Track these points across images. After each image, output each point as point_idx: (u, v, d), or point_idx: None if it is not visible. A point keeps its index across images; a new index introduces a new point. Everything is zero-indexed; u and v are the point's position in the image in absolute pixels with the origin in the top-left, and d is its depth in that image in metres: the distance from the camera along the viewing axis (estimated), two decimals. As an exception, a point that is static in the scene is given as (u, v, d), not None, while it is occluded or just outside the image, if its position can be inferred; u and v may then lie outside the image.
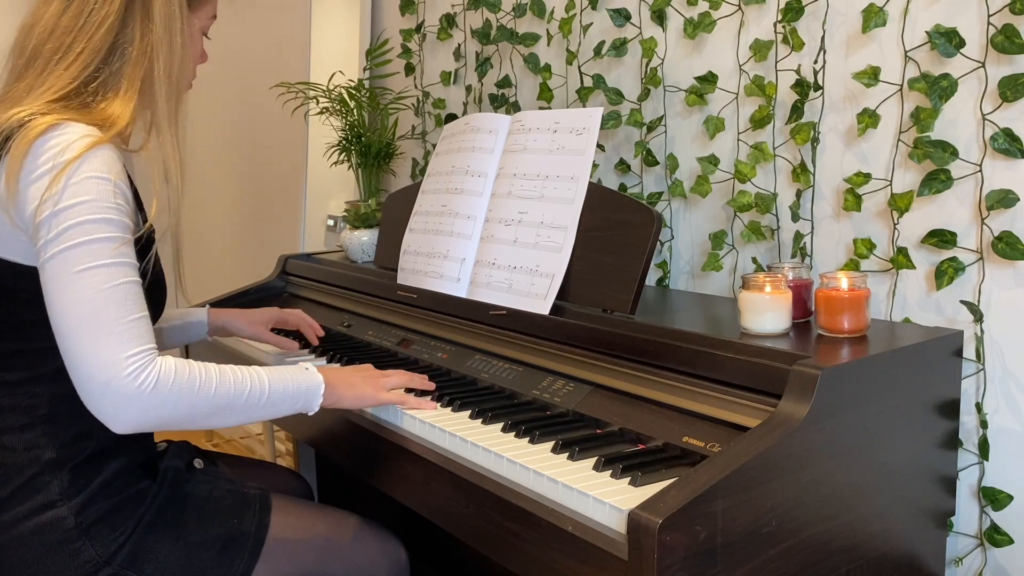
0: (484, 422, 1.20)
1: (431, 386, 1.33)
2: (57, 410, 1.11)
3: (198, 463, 1.29)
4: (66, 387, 1.10)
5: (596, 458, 1.02)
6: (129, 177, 1.09)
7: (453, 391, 1.32)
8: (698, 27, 1.50)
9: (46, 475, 1.09)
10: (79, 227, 1.00)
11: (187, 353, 1.86)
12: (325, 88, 2.14)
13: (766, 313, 1.13)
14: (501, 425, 1.18)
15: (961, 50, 1.18)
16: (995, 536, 1.21)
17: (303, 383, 1.16)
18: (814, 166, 1.38)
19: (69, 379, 1.10)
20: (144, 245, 1.11)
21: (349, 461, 1.36)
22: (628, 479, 0.98)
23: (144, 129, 1.13)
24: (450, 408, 1.26)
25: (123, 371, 1.00)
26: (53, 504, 1.09)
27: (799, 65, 1.38)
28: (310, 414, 1.19)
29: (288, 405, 1.15)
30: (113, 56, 1.10)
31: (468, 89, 2.08)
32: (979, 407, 1.21)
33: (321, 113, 2.18)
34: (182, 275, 1.24)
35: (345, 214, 2.04)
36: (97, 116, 1.08)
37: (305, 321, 1.62)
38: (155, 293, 1.15)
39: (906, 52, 1.25)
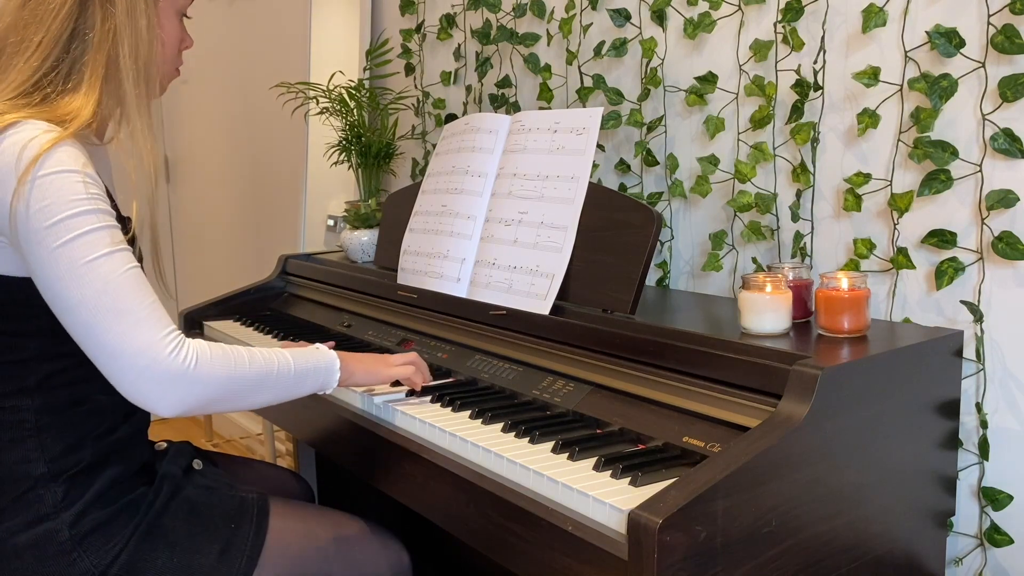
0: (484, 422, 1.20)
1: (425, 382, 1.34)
2: (44, 423, 1.09)
3: (197, 464, 1.29)
4: (52, 399, 1.09)
5: (596, 458, 1.02)
6: (99, 174, 1.05)
7: (453, 391, 1.32)
8: (698, 27, 1.50)
9: (39, 488, 1.08)
10: (63, 223, 0.97)
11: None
12: (325, 88, 2.14)
13: (766, 313, 1.13)
14: (501, 425, 1.18)
15: (961, 50, 1.18)
16: (995, 536, 1.21)
17: (321, 361, 1.18)
18: (814, 166, 1.38)
19: (54, 391, 1.09)
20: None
21: (349, 461, 1.36)
22: (628, 479, 0.98)
23: (113, 119, 1.09)
24: (450, 408, 1.26)
25: (163, 351, 0.98)
26: (47, 517, 1.08)
27: (799, 65, 1.38)
28: (327, 392, 1.20)
29: (311, 383, 1.16)
30: (73, 43, 1.06)
31: (468, 89, 2.08)
32: (979, 407, 1.21)
33: (321, 113, 2.18)
34: (162, 269, 1.22)
35: (345, 214, 2.04)
36: (59, 110, 1.04)
37: None
38: None
39: (906, 52, 1.25)
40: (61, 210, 0.97)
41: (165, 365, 0.98)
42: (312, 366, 1.16)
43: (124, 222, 1.09)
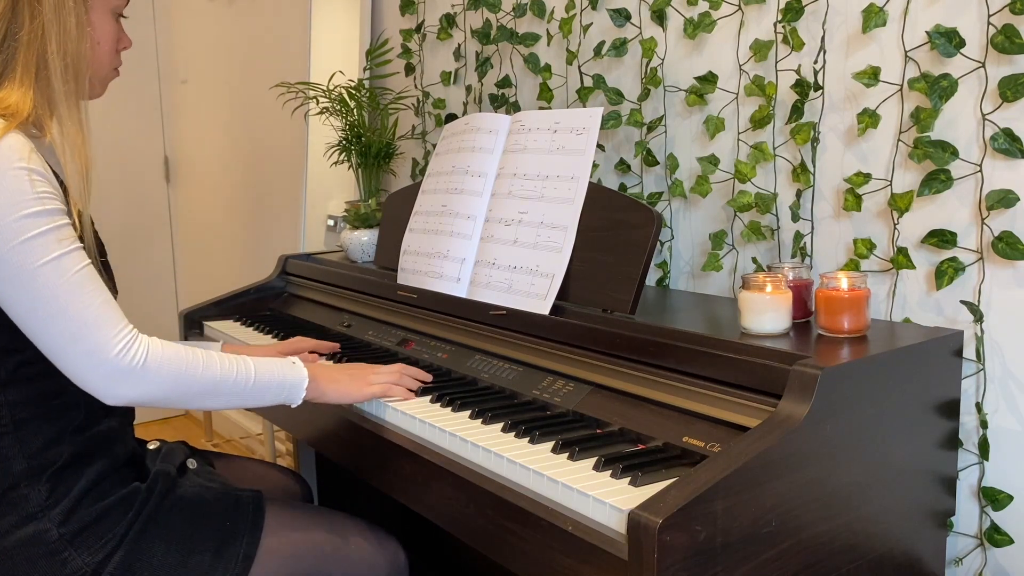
0: (484, 422, 1.20)
1: (425, 379, 1.33)
2: (20, 417, 1.09)
3: (191, 463, 1.28)
4: (25, 392, 1.09)
5: (596, 458, 1.02)
6: (49, 163, 1.07)
7: (453, 391, 1.32)
8: (698, 27, 1.50)
9: (22, 487, 1.08)
10: (11, 227, 0.99)
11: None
12: (325, 88, 2.14)
13: (766, 313, 1.13)
14: (501, 425, 1.18)
15: (961, 50, 1.18)
16: (995, 536, 1.21)
17: (288, 375, 1.19)
18: (814, 166, 1.38)
19: (26, 383, 1.09)
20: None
21: (349, 461, 1.36)
22: (628, 479, 0.98)
23: (47, 117, 1.11)
24: (450, 408, 1.26)
25: (112, 350, 1.02)
26: (33, 516, 1.08)
27: (799, 65, 1.38)
28: (293, 406, 1.21)
29: (272, 394, 1.17)
30: (6, 43, 1.09)
31: (468, 89, 2.08)
32: (979, 407, 1.21)
33: (321, 113, 2.18)
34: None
35: (345, 214, 2.04)
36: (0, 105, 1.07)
37: (316, 346, 1.57)
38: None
39: (906, 52, 1.25)
40: (9, 213, 0.99)
41: (114, 363, 1.02)
42: (277, 380, 1.17)
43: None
